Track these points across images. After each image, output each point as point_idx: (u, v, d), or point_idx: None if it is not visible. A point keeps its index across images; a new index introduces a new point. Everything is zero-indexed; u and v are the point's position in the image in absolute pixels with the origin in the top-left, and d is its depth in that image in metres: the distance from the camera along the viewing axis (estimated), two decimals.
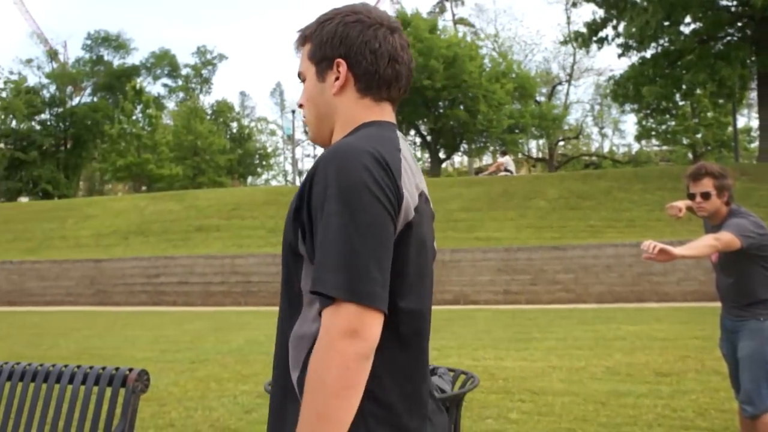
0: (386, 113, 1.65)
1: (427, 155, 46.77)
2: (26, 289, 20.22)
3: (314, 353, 1.36)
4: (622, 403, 6.16)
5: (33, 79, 53.67)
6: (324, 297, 1.36)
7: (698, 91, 28.30)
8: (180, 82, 61.73)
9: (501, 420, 5.74)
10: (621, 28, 25.72)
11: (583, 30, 27.14)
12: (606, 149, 58.46)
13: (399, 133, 1.62)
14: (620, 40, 26.07)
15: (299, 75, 1.71)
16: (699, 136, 43.18)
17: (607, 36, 26.51)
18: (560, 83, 52.07)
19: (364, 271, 1.35)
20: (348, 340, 1.32)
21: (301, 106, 1.72)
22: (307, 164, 64.81)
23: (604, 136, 58.95)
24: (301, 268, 1.50)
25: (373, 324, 1.35)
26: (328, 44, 1.62)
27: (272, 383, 1.58)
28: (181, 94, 61.00)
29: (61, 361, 7.10)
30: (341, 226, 1.37)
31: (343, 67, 1.61)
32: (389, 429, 1.45)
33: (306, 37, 1.68)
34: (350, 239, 1.36)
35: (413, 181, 1.52)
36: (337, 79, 1.62)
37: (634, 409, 5.94)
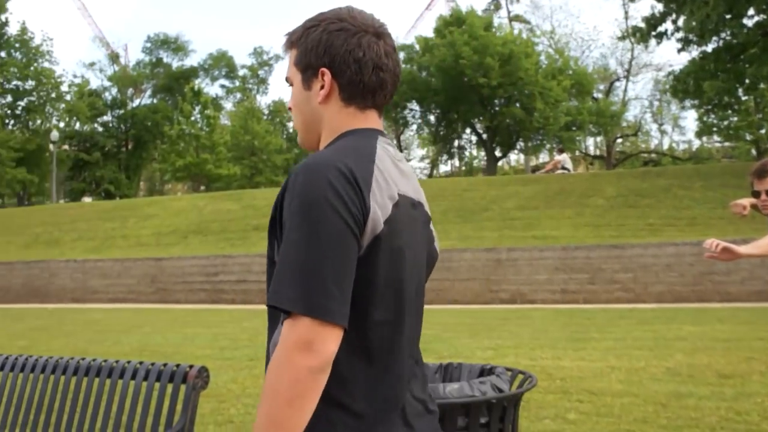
0: (371, 120, 1.64)
1: (483, 153, 46.52)
2: (89, 287, 20.74)
3: (271, 362, 1.37)
4: (684, 405, 6.03)
5: (95, 82, 55.34)
6: (281, 310, 1.37)
7: (762, 86, 27.52)
8: (237, 83, 62.67)
9: (559, 420, 5.68)
10: (681, 22, 25.11)
11: (642, 25, 26.56)
12: (665, 146, 57.31)
13: (381, 140, 1.60)
14: (680, 35, 25.45)
15: (287, 80, 1.71)
16: (763, 131, 41.98)
17: (666, 30, 25.89)
18: (618, 79, 51.11)
19: (320, 286, 1.35)
20: (301, 353, 1.33)
21: (290, 109, 1.72)
22: None
23: (663, 132, 57.79)
24: None
25: (328, 338, 1.35)
26: (312, 53, 1.61)
27: None
28: (239, 95, 61.92)
29: (124, 357, 7.26)
30: (300, 240, 1.38)
31: (328, 77, 1.60)
32: None
33: (292, 42, 1.68)
34: (308, 253, 1.36)
35: (386, 191, 1.50)
36: (322, 87, 1.61)
37: (696, 411, 5.80)
